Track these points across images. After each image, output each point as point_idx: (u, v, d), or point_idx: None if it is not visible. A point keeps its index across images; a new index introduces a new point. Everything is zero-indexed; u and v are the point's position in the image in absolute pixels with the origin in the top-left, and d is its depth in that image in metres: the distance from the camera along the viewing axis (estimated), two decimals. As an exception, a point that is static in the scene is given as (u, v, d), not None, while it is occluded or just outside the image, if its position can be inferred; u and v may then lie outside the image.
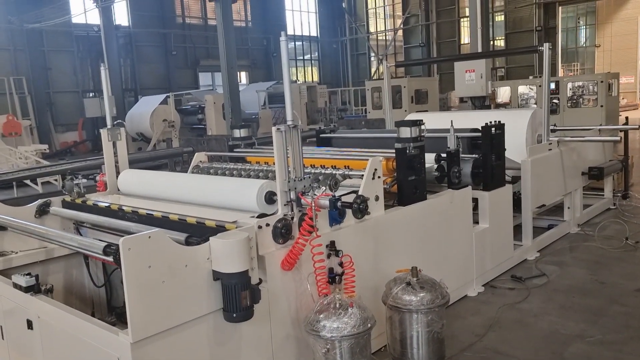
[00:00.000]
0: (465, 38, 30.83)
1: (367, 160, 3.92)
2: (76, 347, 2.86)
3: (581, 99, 15.53)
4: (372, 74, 32.99)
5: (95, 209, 4.00)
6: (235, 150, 5.37)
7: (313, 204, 3.02)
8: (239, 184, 3.44)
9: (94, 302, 4.43)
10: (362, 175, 3.84)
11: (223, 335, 2.83)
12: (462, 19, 30.05)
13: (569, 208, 6.37)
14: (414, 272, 3.13)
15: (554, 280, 4.85)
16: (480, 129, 4.87)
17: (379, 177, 3.78)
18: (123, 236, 3.67)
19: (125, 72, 24.76)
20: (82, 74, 23.76)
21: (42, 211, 4.17)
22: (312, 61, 34.66)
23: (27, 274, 3.22)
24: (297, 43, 33.42)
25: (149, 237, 2.50)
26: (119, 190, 4.48)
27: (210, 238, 2.74)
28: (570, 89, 15.39)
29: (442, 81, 24.05)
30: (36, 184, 11.52)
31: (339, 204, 3.11)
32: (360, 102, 26.23)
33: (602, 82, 14.60)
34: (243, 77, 29.67)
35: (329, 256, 3.32)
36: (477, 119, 5.39)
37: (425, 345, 3.07)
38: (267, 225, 3.07)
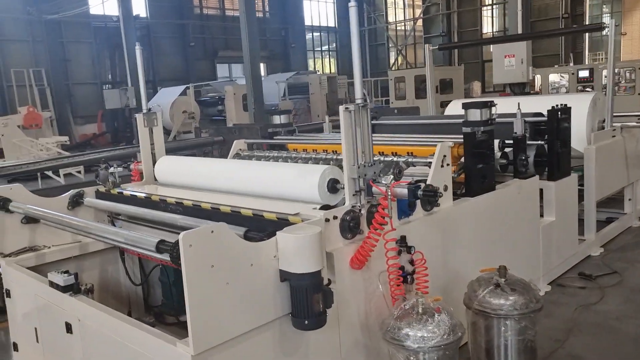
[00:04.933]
0: (486, 27, 30.12)
1: (431, 146, 3.56)
2: (124, 355, 2.52)
3: (616, 87, 14.92)
4: (391, 65, 32.38)
5: (132, 200, 3.66)
6: (275, 137, 5.01)
7: (389, 193, 2.64)
8: (297, 171, 3.06)
9: (131, 299, 4.12)
10: (427, 162, 3.47)
11: (290, 343, 2.47)
12: (484, 7, 29.31)
13: (630, 200, 5.91)
14: (502, 272, 2.74)
15: (627, 279, 4.42)
16: (547, 112, 4.45)
17: (447, 164, 3.40)
18: (166, 230, 3.37)
19: (144, 63, 24.50)
20: (100, 65, 23.57)
21: (75, 202, 3.84)
22: (330, 52, 34.14)
23: (64, 272, 2.89)
24: (314, 34, 32.92)
25: (212, 231, 2.15)
26: (156, 179, 4.14)
27: (277, 233, 2.38)
28: (606, 77, 14.79)
29: (465, 71, 23.47)
30: (58, 175, 11.33)
31: (419, 192, 2.72)
32: (380, 93, 25.69)
33: (639, 68, 14.00)
34: (261, 68, 29.26)
35: (399, 253, 2.95)
36: (531, 104, 5.00)
37: (515, 356, 2.69)
38: (335, 218, 2.70)
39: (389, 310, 2.81)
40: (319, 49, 33.44)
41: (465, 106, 3.65)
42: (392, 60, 33.16)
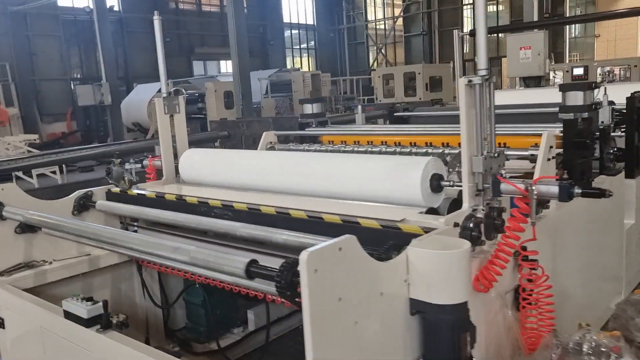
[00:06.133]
0: (467, 26, 29.97)
1: (526, 135, 2.97)
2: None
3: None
4: (371, 64, 31.93)
5: (159, 203, 2.93)
6: (307, 129, 4.33)
7: (535, 191, 2.02)
8: (389, 164, 2.38)
9: (149, 322, 3.39)
10: (523, 155, 2.88)
11: (418, 398, 1.81)
12: (465, 6, 29.17)
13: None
14: (667, 293, 2.15)
15: None
16: (626, 100, 3.90)
17: (553, 157, 2.80)
18: (202, 240, 2.67)
19: (117, 59, 23.34)
20: (69, 60, 22.32)
21: (82, 206, 3.09)
22: (309, 50, 33.48)
23: (87, 299, 2.16)
24: (293, 31, 32.23)
25: (340, 248, 1.47)
26: (178, 177, 3.40)
27: (408, 247, 1.72)
28: (600, 74, 14.61)
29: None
30: (31, 176, 10.30)
31: (576, 190, 2.08)
32: (362, 91, 25.13)
33: (635, 66, 13.86)
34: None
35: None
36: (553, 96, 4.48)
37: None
38: (456, 225, 2.06)
39: (521, 344, 2.19)
40: (297, 46, 32.75)
41: (564, 88, 3.06)
42: (371, 59, 32.73)
